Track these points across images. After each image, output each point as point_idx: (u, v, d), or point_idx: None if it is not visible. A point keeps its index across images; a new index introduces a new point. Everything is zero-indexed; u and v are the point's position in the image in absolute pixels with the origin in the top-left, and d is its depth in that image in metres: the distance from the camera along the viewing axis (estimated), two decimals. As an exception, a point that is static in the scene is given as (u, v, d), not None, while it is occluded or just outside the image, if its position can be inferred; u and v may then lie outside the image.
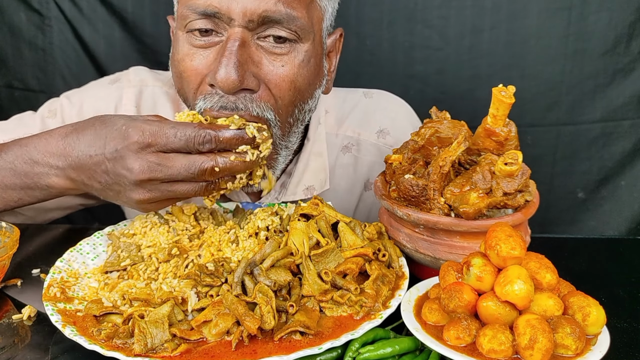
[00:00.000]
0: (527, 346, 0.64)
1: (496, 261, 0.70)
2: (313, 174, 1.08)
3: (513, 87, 0.82)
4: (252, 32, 0.87)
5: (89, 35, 1.84)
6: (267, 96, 0.88)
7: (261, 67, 0.87)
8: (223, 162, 0.79)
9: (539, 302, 0.68)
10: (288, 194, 1.09)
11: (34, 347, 0.78)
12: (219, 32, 0.88)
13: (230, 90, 0.85)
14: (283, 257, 0.80)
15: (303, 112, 0.96)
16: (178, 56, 0.92)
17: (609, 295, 0.89)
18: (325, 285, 0.78)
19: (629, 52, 1.67)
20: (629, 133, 1.73)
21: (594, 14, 1.66)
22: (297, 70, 0.89)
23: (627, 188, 1.77)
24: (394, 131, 1.17)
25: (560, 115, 1.75)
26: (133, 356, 0.68)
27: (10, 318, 0.84)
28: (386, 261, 0.85)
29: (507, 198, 0.81)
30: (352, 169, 1.16)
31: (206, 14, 0.86)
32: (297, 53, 0.89)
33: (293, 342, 0.71)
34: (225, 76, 0.82)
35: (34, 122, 1.16)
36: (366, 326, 0.73)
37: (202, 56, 0.88)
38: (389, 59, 1.80)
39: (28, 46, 1.83)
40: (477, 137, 0.87)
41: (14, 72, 1.84)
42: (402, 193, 0.87)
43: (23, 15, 1.80)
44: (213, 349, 0.70)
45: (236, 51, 0.83)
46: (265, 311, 0.72)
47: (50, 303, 0.80)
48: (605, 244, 1.15)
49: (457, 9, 1.72)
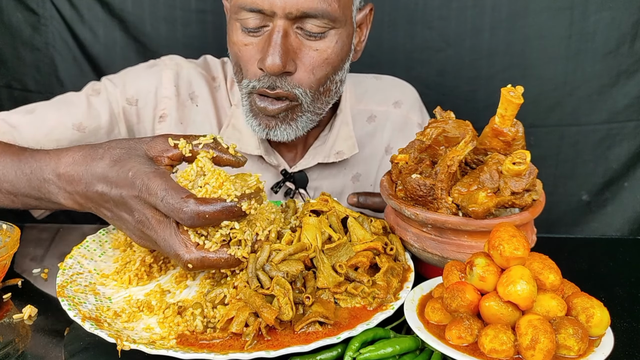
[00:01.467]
0: (528, 346, 0.64)
1: (499, 261, 0.70)
2: (342, 141, 1.25)
3: (521, 87, 0.83)
4: (292, 22, 1.02)
5: (86, 35, 1.83)
6: (303, 76, 1.05)
7: (299, 53, 1.05)
8: (196, 258, 0.75)
9: (542, 302, 0.68)
10: (322, 157, 1.24)
11: (36, 347, 0.79)
12: (266, 23, 1.03)
13: (275, 73, 1.02)
14: (296, 252, 0.81)
15: (334, 82, 1.12)
16: (233, 39, 1.08)
17: (610, 295, 0.89)
18: (340, 278, 0.81)
19: (633, 52, 1.66)
20: (633, 134, 1.72)
21: (596, 13, 1.64)
22: (330, 52, 1.06)
23: (630, 190, 1.76)
24: (406, 102, 1.36)
25: (563, 116, 1.74)
26: (156, 347, 0.69)
27: (11, 318, 0.84)
28: (393, 254, 0.88)
29: (515, 197, 0.81)
30: (373, 137, 1.33)
31: (252, 10, 1.02)
32: (330, 37, 1.06)
33: (311, 333, 0.73)
34: (272, 63, 1.00)
35: (79, 100, 1.20)
36: (379, 316, 0.76)
37: (253, 43, 1.06)
38: (389, 61, 1.80)
39: (25, 46, 1.82)
40: (484, 137, 0.88)
41: (13, 73, 1.83)
42: (409, 193, 0.87)
43: (20, 15, 1.79)
44: (233, 340, 0.73)
45: (280, 42, 1.01)
46: (283, 303, 0.74)
47: (65, 299, 0.79)
48: (607, 244, 1.15)
49: (457, 9, 1.72)
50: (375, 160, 1.33)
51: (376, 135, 1.33)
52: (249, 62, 1.06)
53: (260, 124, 1.10)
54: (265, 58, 1.01)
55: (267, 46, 1.02)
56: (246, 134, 1.20)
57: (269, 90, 1.05)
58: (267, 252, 0.80)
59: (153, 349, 0.69)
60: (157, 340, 0.72)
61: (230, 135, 1.21)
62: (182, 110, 1.25)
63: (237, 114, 1.22)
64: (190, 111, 1.25)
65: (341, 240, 0.84)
